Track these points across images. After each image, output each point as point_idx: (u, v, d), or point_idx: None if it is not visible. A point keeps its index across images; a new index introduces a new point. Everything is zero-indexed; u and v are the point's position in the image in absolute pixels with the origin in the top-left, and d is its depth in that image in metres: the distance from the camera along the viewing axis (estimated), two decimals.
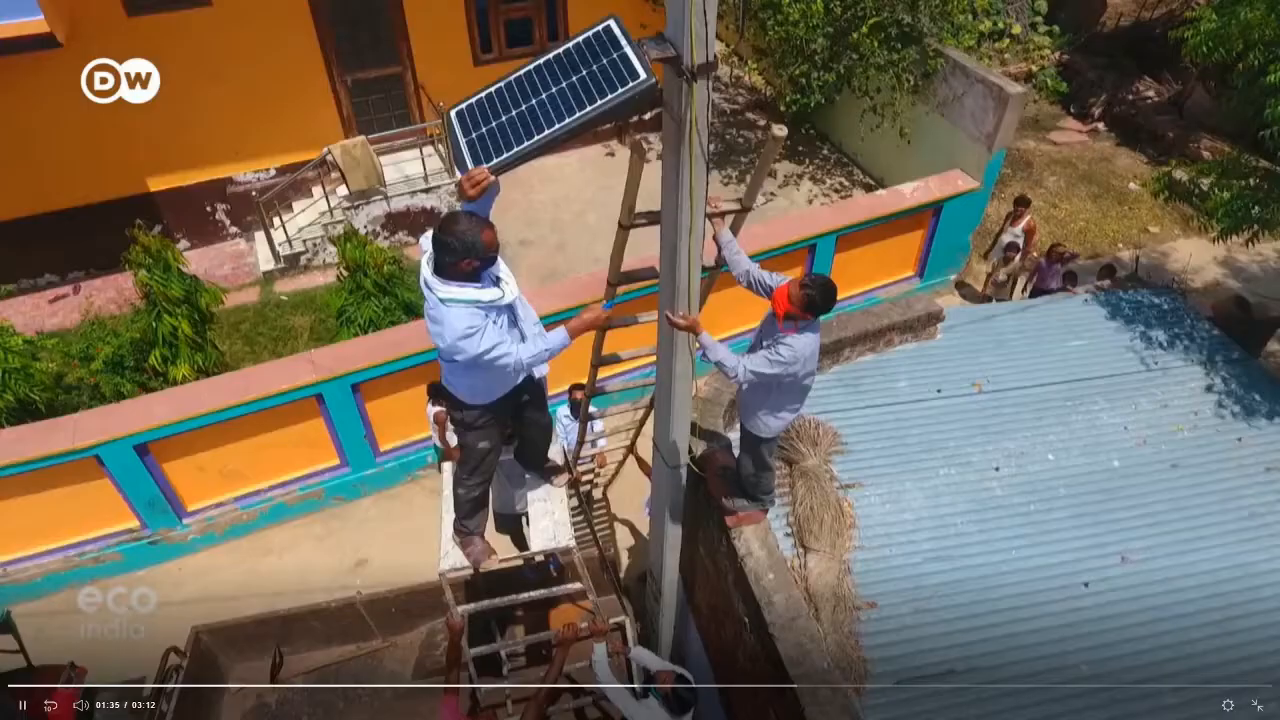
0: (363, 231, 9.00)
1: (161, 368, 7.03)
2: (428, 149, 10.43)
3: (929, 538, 4.53)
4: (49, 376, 6.94)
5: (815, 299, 3.24)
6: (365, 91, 10.30)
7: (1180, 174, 5.86)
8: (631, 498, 7.59)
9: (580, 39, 2.69)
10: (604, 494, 7.98)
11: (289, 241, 9.98)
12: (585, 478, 7.20)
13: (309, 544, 7.71)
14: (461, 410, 3.49)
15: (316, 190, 10.15)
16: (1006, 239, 9.26)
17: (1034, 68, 14.20)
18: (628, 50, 2.58)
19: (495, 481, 4.47)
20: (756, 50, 10.80)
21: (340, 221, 9.84)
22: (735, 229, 3.62)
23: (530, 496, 4.14)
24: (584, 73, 2.60)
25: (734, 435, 4.84)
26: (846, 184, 11.39)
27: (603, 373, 4.64)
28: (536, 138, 2.56)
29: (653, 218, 3.27)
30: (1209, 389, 5.55)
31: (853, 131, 11.18)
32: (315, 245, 10.09)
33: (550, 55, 2.71)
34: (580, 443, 5.88)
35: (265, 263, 10.13)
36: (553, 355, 3.27)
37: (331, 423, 7.48)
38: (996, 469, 4.92)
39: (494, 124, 2.65)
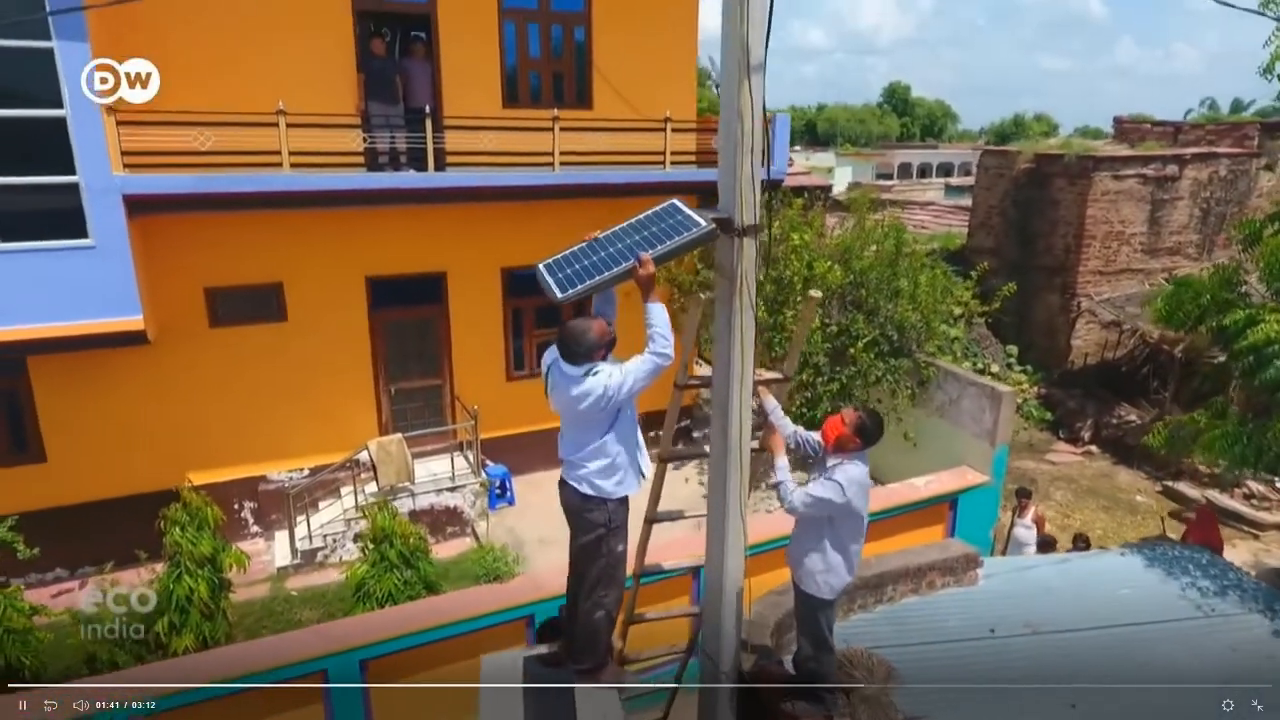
0: None
1: (166, 637, 6.65)
2: (455, 452, 10.97)
3: None
4: (45, 644, 6.55)
5: (867, 423, 3.49)
6: (406, 400, 11.19)
7: (1180, 421, 6.29)
8: None
9: (647, 213, 3.28)
10: None
11: (309, 537, 10.00)
12: None
13: None
14: (605, 506, 3.59)
15: (345, 489, 10.45)
16: (1022, 533, 9.28)
17: (1017, 400, 15.49)
18: (689, 213, 3.15)
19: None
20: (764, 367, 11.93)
21: (364, 518, 9.95)
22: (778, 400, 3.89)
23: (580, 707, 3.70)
24: (652, 229, 3.13)
25: (785, 658, 4.53)
26: None
27: None
28: (614, 269, 3.00)
29: (705, 381, 3.58)
30: (1278, 634, 5.27)
31: None
32: (335, 540, 10.09)
33: (621, 225, 3.28)
34: None
35: (282, 559, 10.02)
36: (668, 327, 3.21)
37: (331, 710, 6.82)
38: (1073, 706, 4.49)
39: (576, 266, 3.10)
